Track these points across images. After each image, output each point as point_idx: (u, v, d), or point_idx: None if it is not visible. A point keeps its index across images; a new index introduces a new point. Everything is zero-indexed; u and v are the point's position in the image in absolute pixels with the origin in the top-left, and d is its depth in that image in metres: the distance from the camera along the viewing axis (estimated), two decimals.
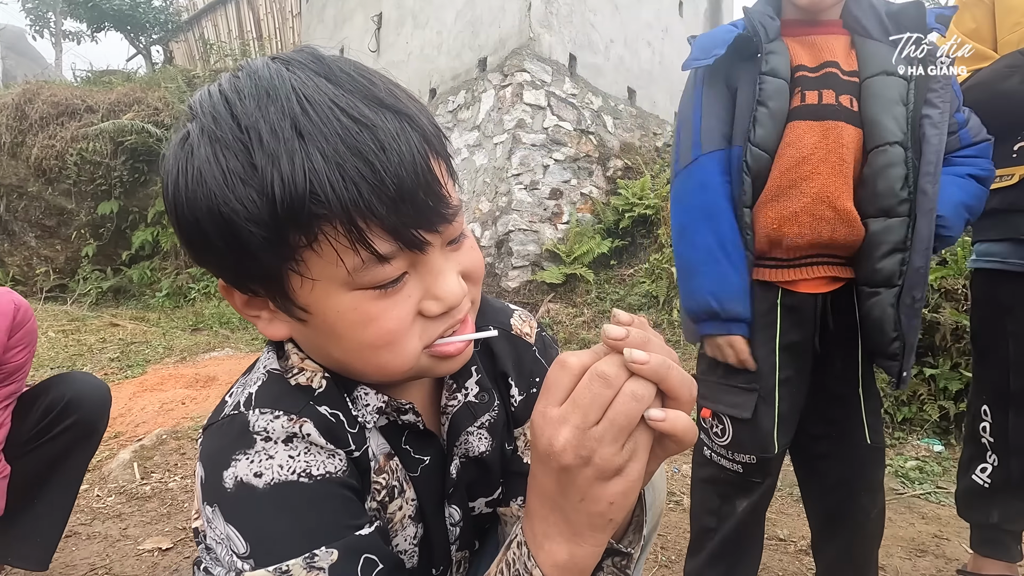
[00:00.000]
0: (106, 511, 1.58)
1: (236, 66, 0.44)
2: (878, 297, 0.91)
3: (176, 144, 0.43)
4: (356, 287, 0.42)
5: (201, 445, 0.48)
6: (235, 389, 0.50)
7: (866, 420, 0.97)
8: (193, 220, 0.42)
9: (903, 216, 0.89)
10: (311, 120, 0.39)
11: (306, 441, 0.46)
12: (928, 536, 1.57)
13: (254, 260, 0.41)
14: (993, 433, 1.21)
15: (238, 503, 0.43)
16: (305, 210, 0.38)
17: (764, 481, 0.98)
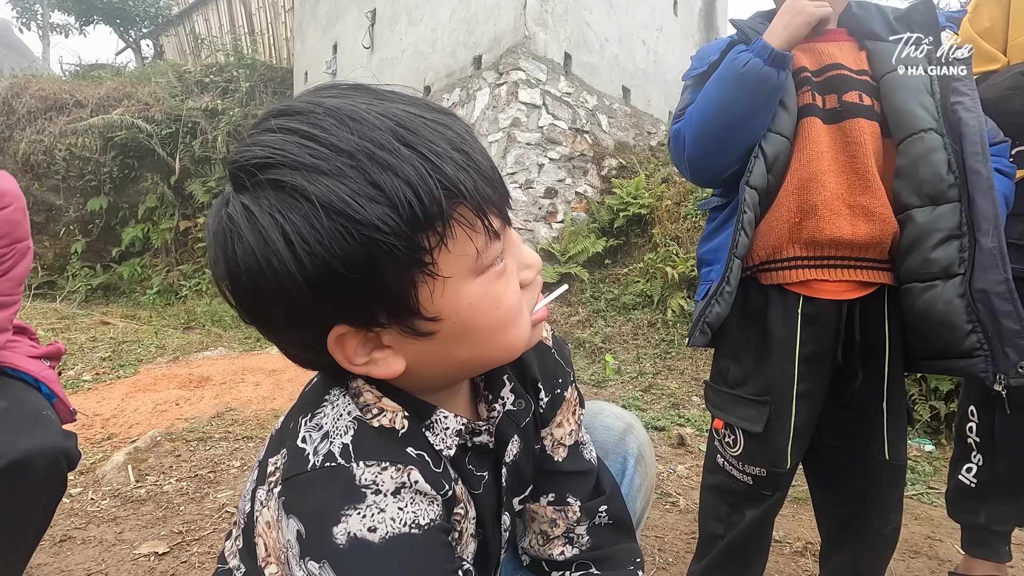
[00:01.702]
0: (100, 515, 1.56)
1: (274, 111, 0.43)
2: (935, 290, 0.85)
3: (239, 212, 0.41)
4: (480, 272, 0.45)
5: (286, 496, 0.45)
6: (307, 435, 0.47)
7: (887, 435, 0.93)
8: (301, 272, 0.40)
9: (954, 201, 0.85)
10: (406, 128, 0.42)
11: (413, 490, 0.46)
12: (921, 537, 1.60)
13: (383, 284, 0.42)
14: (979, 433, 1.23)
15: (354, 559, 0.43)
16: (442, 208, 0.41)
17: (774, 494, 0.97)
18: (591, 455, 0.67)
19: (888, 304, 0.93)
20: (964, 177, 0.86)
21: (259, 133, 0.42)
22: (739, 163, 0.93)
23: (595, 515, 0.64)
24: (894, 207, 0.91)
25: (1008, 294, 0.83)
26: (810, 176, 0.90)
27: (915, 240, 0.88)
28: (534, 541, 0.67)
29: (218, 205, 0.44)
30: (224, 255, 0.42)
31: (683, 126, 0.98)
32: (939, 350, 0.88)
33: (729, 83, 0.90)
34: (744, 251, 0.91)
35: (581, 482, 0.65)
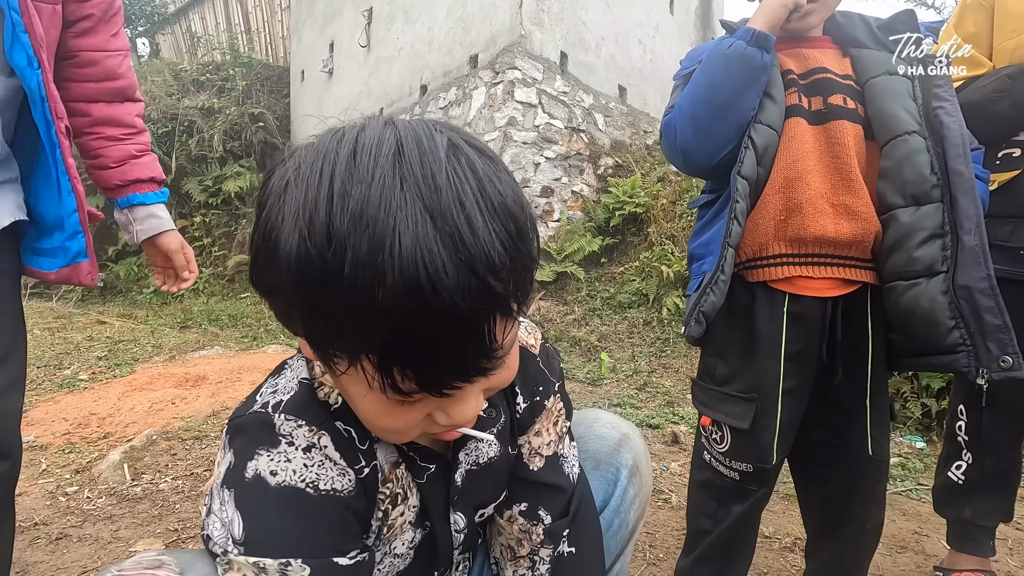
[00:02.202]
0: (96, 513, 1.57)
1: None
2: (919, 288, 0.87)
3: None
4: (378, 391, 0.42)
5: (228, 434, 0.50)
6: (265, 388, 0.53)
7: (870, 432, 0.95)
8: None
9: (936, 201, 0.87)
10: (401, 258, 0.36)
11: (322, 453, 0.49)
12: (908, 533, 1.62)
13: (292, 322, 0.43)
14: (968, 432, 1.25)
15: (249, 494, 0.47)
16: (360, 339, 0.38)
17: (760, 489, 0.99)
18: (572, 472, 0.66)
19: (871, 303, 0.95)
20: (946, 178, 0.88)
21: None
22: (729, 146, 0.94)
23: (559, 541, 0.63)
24: (879, 207, 0.93)
25: (990, 290, 0.85)
26: (795, 175, 0.92)
27: (899, 239, 0.89)
28: (504, 554, 0.66)
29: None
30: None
31: (673, 116, 1.00)
32: (923, 347, 0.90)
33: (715, 66, 0.93)
34: (737, 240, 0.92)
35: (556, 497, 0.64)
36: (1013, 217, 1.12)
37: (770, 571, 1.39)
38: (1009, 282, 1.15)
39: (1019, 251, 1.12)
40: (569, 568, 0.63)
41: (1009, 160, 1.14)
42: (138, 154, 1.05)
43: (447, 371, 0.40)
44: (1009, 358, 0.83)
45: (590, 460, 0.72)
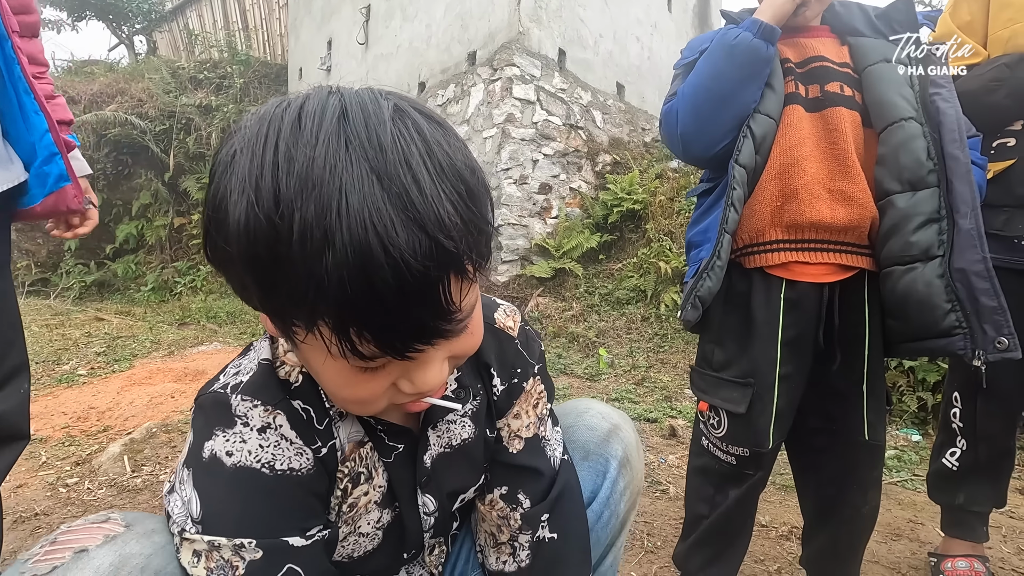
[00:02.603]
0: (97, 503, 1.58)
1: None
2: (915, 272, 0.87)
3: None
4: (339, 358, 0.41)
5: (194, 411, 0.52)
6: (229, 368, 0.53)
7: (867, 417, 0.96)
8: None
9: (932, 186, 0.88)
10: (349, 215, 0.35)
11: (278, 433, 0.49)
12: (904, 521, 1.63)
13: (245, 290, 0.42)
14: (962, 419, 1.26)
15: (206, 474, 0.48)
16: (316, 302, 0.37)
17: (756, 473, 1.00)
18: (554, 456, 0.64)
19: (868, 289, 0.96)
20: (943, 163, 0.89)
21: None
22: (729, 136, 0.95)
23: (537, 526, 0.62)
24: (876, 193, 0.94)
25: (986, 272, 0.85)
26: (792, 161, 0.93)
27: (896, 224, 0.90)
28: (488, 541, 0.65)
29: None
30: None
31: (676, 102, 1.01)
32: (919, 331, 0.90)
33: (720, 56, 0.94)
34: (734, 227, 0.93)
35: (536, 480, 0.62)
36: (1007, 206, 1.13)
37: (766, 558, 1.40)
38: (1004, 270, 1.16)
39: (1014, 239, 1.13)
40: (551, 554, 0.62)
41: (1004, 149, 1.15)
42: (55, 94, 1.01)
43: (404, 332, 0.40)
44: (1005, 339, 0.84)
45: (579, 450, 0.70)
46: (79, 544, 0.44)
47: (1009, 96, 1.10)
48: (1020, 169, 1.12)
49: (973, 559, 1.25)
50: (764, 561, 1.39)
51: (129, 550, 0.45)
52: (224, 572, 0.46)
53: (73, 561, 0.43)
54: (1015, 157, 1.13)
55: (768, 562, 1.39)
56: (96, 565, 0.43)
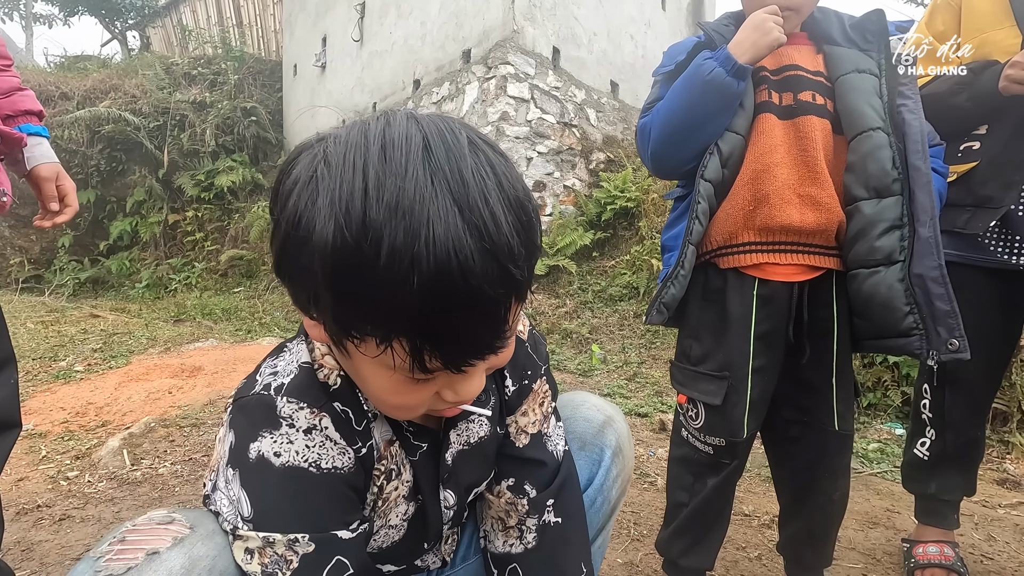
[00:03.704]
0: (98, 496, 1.61)
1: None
2: (878, 276, 0.93)
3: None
4: (389, 367, 0.45)
5: (231, 414, 0.54)
6: (264, 369, 0.55)
7: (836, 408, 1.01)
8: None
9: (897, 195, 0.93)
10: (434, 248, 0.39)
11: (323, 434, 0.52)
12: (881, 510, 1.69)
13: (318, 303, 0.44)
14: (932, 409, 1.31)
15: (255, 474, 0.50)
16: (388, 319, 0.41)
17: (732, 462, 1.04)
18: (556, 450, 0.70)
19: (835, 287, 1.01)
20: (906, 173, 0.94)
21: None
22: (697, 159, 1.00)
23: (543, 510, 0.67)
24: (844, 199, 0.99)
25: (941, 279, 0.91)
26: (763, 168, 0.98)
27: (862, 229, 0.95)
28: (495, 526, 0.71)
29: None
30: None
31: (650, 121, 1.05)
32: (881, 330, 0.96)
33: (695, 89, 0.97)
34: (698, 238, 0.99)
35: (540, 471, 0.68)
36: (970, 206, 1.18)
37: (748, 545, 1.46)
38: (967, 267, 1.21)
39: (976, 237, 1.18)
40: (556, 536, 0.68)
41: (969, 152, 1.21)
42: (22, 87, 1.04)
43: (468, 350, 0.44)
44: (956, 341, 0.90)
45: (576, 440, 0.76)
46: (150, 545, 0.47)
47: (971, 99, 1.15)
48: (982, 171, 1.17)
49: (944, 544, 1.31)
50: (746, 548, 1.45)
51: (197, 552, 0.48)
52: (278, 566, 0.49)
53: (146, 563, 0.45)
54: (978, 159, 1.18)
55: (750, 549, 1.44)
56: (168, 567, 0.46)
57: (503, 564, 0.69)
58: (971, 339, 1.22)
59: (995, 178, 1.15)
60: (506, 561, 0.68)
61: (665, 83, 1.07)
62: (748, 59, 0.95)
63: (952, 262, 1.23)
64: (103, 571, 0.45)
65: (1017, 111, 1.12)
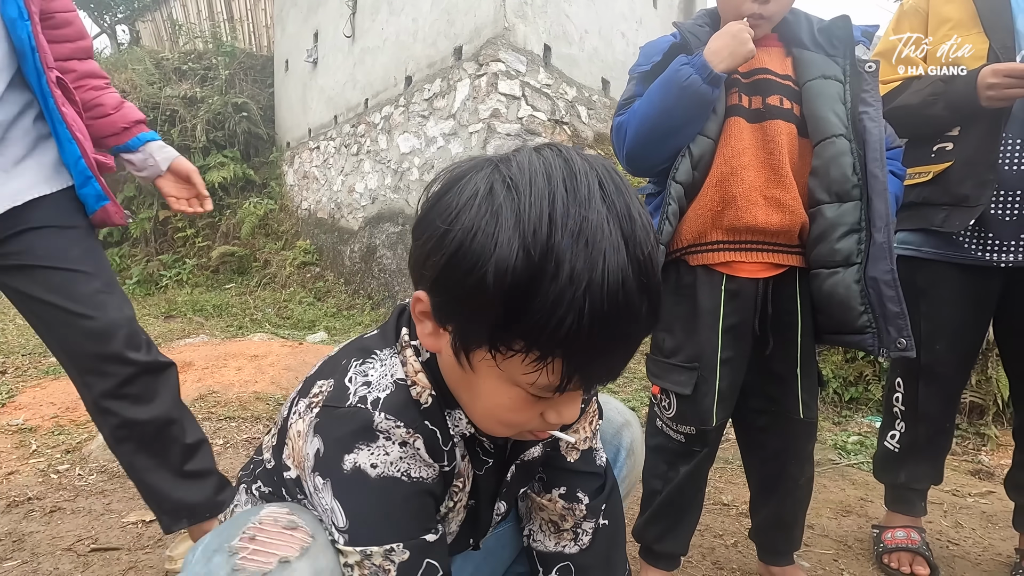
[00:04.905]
0: (89, 488, 1.64)
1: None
2: (837, 276, 0.99)
3: (481, 196, 0.45)
4: (517, 385, 0.49)
5: (318, 418, 0.55)
6: (355, 377, 0.56)
7: (801, 397, 1.06)
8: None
9: (856, 200, 0.98)
10: (603, 286, 0.42)
11: (414, 450, 0.55)
12: (855, 499, 1.75)
13: (478, 317, 0.46)
14: (904, 402, 1.36)
15: (350, 485, 0.53)
16: (553, 339, 0.43)
17: (703, 450, 1.09)
18: (601, 460, 0.75)
19: (799, 283, 1.05)
20: (865, 179, 0.99)
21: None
22: (670, 160, 1.04)
23: (599, 514, 0.73)
24: (808, 202, 1.04)
25: (892, 282, 0.98)
26: (732, 170, 1.02)
27: (824, 232, 1.01)
28: (544, 527, 0.76)
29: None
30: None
31: (626, 121, 1.08)
32: (839, 326, 1.03)
33: (671, 94, 1.00)
34: (668, 238, 1.04)
35: (590, 481, 0.73)
36: (945, 205, 1.22)
37: (725, 533, 1.50)
38: (943, 264, 1.26)
39: (951, 235, 1.23)
40: (605, 538, 0.74)
41: (942, 153, 1.24)
42: (124, 100, 1.13)
43: (604, 375, 0.49)
44: (904, 340, 0.97)
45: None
46: (280, 552, 0.51)
47: (946, 108, 1.19)
48: (956, 170, 1.21)
49: (911, 530, 1.36)
50: (723, 536, 1.49)
51: (320, 564, 0.51)
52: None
53: (279, 570, 0.49)
54: (952, 160, 1.22)
55: (727, 536, 1.49)
56: None
57: (553, 562, 0.75)
58: (947, 335, 1.28)
59: (970, 177, 1.18)
60: (557, 559, 0.74)
61: (640, 82, 1.11)
62: (724, 68, 0.98)
63: (929, 259, 1.27)
64: (241, 571, 0.49)
65: (987, 115, 1.16)
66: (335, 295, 5.63)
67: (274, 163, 7.45)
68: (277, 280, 6.15)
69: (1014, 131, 1.16)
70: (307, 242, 6.45)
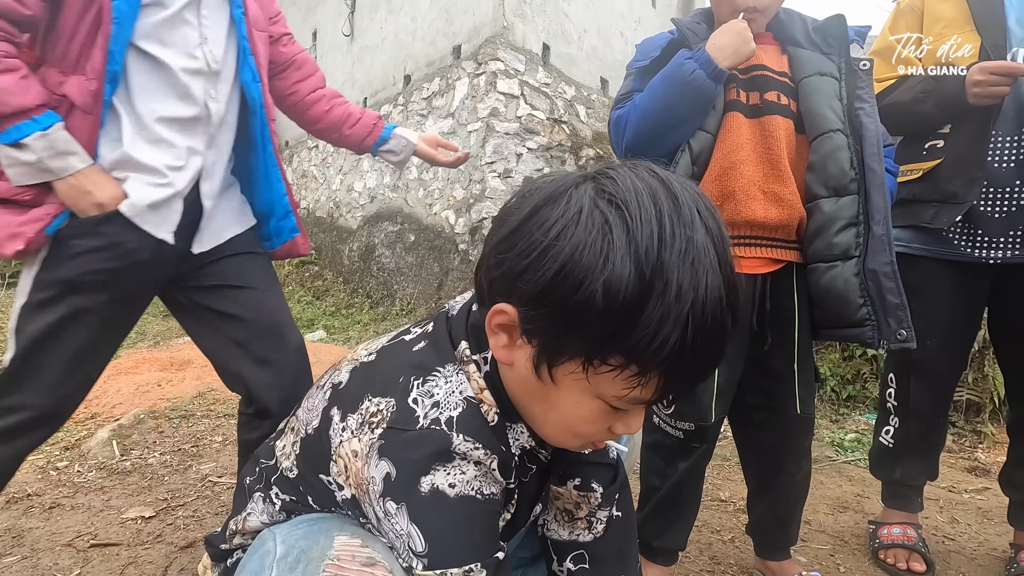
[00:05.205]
0: (88, 485, 1.64)
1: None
2: (835, 270, 0.99)
3: (586, 221, 0.46)
4: (600, 398, 0.50)
5: (385, 441, 0.53)
6: (422, 399, 0.54)
7: (798, 393, 1.07)
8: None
9: (853, 194, 0.99)
10: (705, 305, 0.45)
11: (489, 470, 0.55)
12: (852, 495, 1.75)
13: (578, 331, 0.47)
14: (896, 398, 1.37)
15: (428, 508, 0.52)
16: (656, 355, 0.45)
17: (702, 446, 1.09)
18: (613, 452, 0.77)
19: (796, 279, 1.06)
20: (863, 173, 1.00)
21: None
22: (670, 156, 1.04)
23: (612, 503, 0.74)
24: (805, 197, 1.04)
25: (892, 274, 0.98)
26: (730, 165, 1.02)
27: (821, 226, 1.01)
28: (559, 517, 0.77)
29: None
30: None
31: (626, 114, 1.08)
32: (837, 320, 1.02)
33: (674, 88, 1.00)
34: None
35: (604, 472, 0.75)
36: (935, 201, 1.23)
37: (723, 529, 1.51)
38: (932, 260, 1.26)
39: (941, 232, 1.23)
40: (618, 529, 0.76)
41: (933, 150, 1.25)
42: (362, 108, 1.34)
43: (688, 387, 0.51)
44: (904, 331, 0.97)
45: None
46: None
47: (936, 105, 1.20)
48: (947, 168, 1.22)
49: (907, 526, 1.37)
50: (720, 532, 1.50)
51: None
52: None
53: None
54: (942, 157, 1.23)
55: (724, 532, 1.49)
56: None
57: (568, 550, 0.76)
58: (938, 331, 1.28)
59: (959, 175, 1.20)
60: (572, 547, 0.75)
61: (638, 77, 1.11)
62: (728, 64, 0.99)
63: (919, 256, 1.28)
64: None
65: (979, 112, 1.17)
66: (334, 294, 5.64)
67: None
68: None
69: (1004, 129, 1.17)
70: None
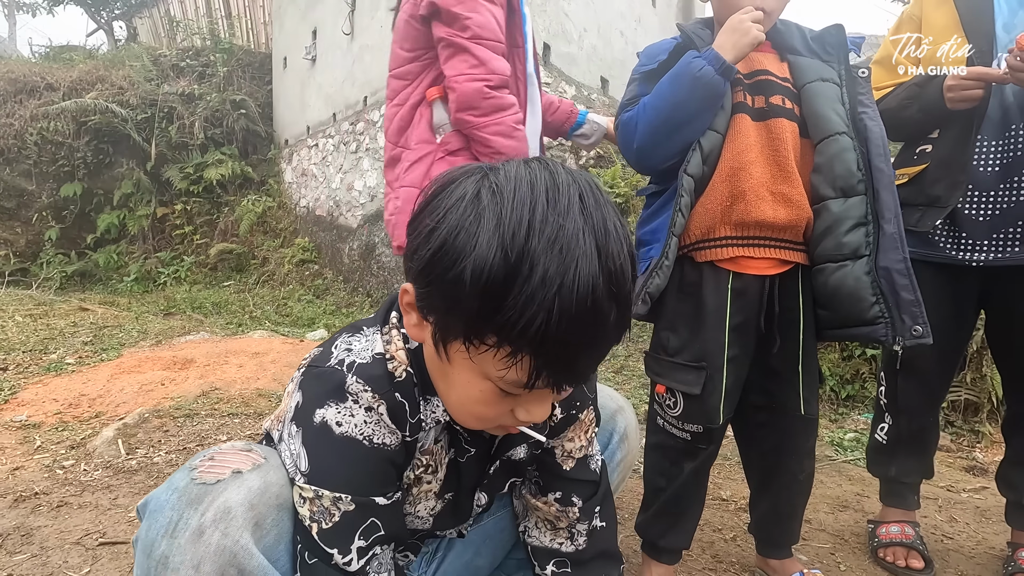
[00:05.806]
0: (94, 484, 1.65)
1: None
2: (845, 269, 1.00)
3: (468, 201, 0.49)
4: (488, 378, 0.53)
5: (303, 376, 0.63)
6: (340, 344, 0.63)
7: (802, 394, 1.08)
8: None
9: (861, 194, 1.00)
10: (572, 287, 0.45)
11: (378, 415, 0.61)
12: (851, 494, 1.77)
13: (457, 310, 0.49)
14: (887, 396, 1.39)
15: (316, 437, 0.59)
16: (522, 336, 0.47)
17: (709, 447, 1.11)
18: (596, 466, 0.79)
19: (801, 281, 1.07)
20: (869, 174, 1.01)
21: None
22: (679, 155, 1.05)
23: (592, 516, 0.77)
24: (812, 198, 1.05)
25: (906, 271, 0.99)
26: (740, 166, 1.04)
27: (830, 227, 1.02)
28: (540, 524, 0.80)
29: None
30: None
31: (635, 116, 1.09)
32: (847, 320, 1.03)
33: (684, 85, 1.01)
34: (681, 230, 1.05)
35: (585, 487, 0.77)
36: (921, 205, 1.25)
37: (724, 528, 1.53)
38: (919, 263, 1.28)
39: (927, 235, 1.26)
40: (600, 538, 0.78)
41: (923, 155, 1.28)
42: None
43: (571, 376, 0.52)
44: (920, 327, 0.98)
45: None
46: (234, 466, 0.57)
47: (920, 111, 1.22)
48: (932, 172, 1.24)
49: (905, 524, 1.38)
50: (722, 530, 1.52)
51: (270, 478, 0.59)
52: (322, 516, 0.58)
53: (232, 479, 0.56)
54: (928, 162, 1.25)
55: (725, 531, 1.51)
56: (249, 485, 0.57)
57: (548, 556, 0.79)
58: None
59: (943, 179, 1.22)
60: (553, 555, 0.78)
61: (644, 82, 1.12)
62: (732, 58, 1.00)
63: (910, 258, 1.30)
64: (198, 479, 0.55)
65: (962, 117, 1.19)
66: (334, 293, 5.64)
67: (272, 160, 7.43)
68: (276, 278, 6.16)
69: (989, 133, 1.19)
70: (306, 240, 6.45)
